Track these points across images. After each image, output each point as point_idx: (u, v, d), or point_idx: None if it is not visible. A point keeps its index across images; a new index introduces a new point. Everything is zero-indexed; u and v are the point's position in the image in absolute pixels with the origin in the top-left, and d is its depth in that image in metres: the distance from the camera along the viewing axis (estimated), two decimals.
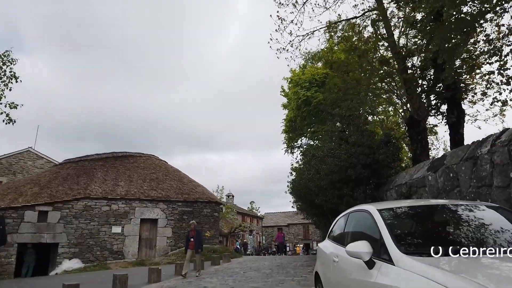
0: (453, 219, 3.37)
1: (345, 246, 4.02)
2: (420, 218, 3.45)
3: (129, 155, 23.90)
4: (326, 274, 4.51)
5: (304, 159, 13.72)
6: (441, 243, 3.07)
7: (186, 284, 10.09)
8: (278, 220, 56.42)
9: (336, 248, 4.27)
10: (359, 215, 4.00)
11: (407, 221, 3.45)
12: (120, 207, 19.87)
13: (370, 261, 3.04)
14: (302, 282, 9.49)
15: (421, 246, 2.99)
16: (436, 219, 3.45)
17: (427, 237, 3.16)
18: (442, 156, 6.76)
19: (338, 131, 10.60)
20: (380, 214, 3.41)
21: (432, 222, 3.40)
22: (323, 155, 10.41)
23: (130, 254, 19.30)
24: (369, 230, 3.56)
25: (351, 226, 4.16)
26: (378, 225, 3.27)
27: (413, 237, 3.17)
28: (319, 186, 10.32)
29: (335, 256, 4.08)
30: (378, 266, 2.98)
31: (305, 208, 16.84)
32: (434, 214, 3.50)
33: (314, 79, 16.66)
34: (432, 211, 3.56)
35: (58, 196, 18.67)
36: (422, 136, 9.32)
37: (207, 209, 22.23)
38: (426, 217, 3.47)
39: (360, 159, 9.21)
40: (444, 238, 3.13)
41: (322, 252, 4.91)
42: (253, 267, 14.34)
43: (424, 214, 3.51)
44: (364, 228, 3.77)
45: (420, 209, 3.65)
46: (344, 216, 4.58)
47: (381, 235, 3.14)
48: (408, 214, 3.57)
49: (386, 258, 2.94)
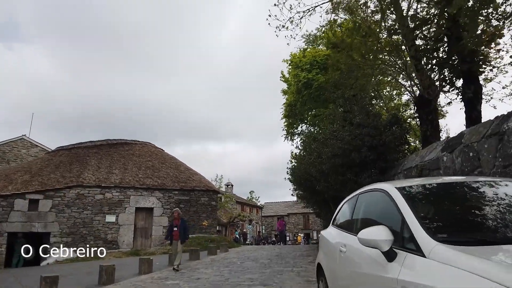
0: (492, 199, 2.67)
1: (355, 233, 3.33)
2: (451, 198, 2.74)
3: (124, 143, 23.18)
4: (330, 266, 3.83)
5: (305, 142, 12.99)
6: (481, 228, 2.38)
7: (179, 275, 9.48)
8: (278, 209, 55.98)
9: (343, 236, 3.59)
10: (372, 196, 3.30)
11: (435, 201, 2.74)
12: (114, 195, 19.22)
13: (390, 251, 2.36)
14: (302, 273, 8.87)
15: (458, 232, 2.29)
16: (471, 199, 2.74)
17: (464, 221, 2.45)
18: (459, 134, 6.04)
19: (341, 112, 9.82)
20: (401, 193, 2.71)
21: (466, 203, 2.69)
22: (325, 138, 9.68)
23: (125, 244, 18.72)
24: (386, 213, 2.87)
25: (362, 209, 3.46)
26: (400, 207, 2.57)
27: (446, 221, 2.46)
28: (321, 171, 9.63)
29: (342, 246, 3.40)
30: (401, 258, 2.30)
31: (305, 196, 16.16)
32: (467, 192, 2.79)
33: (315, 61, 15.84)
34: (465, 189, 2.84)
35: (50, 184, 18.01)
36: (433, 116, 8.58)
37: (204, 198, 21.61)
38: (458, 196, 2.76)
39: (365, 141, 8.49)
40: (484, 222, 2.44)
41: (326, 241, 4.23)
42: (251, 257, 13.75)
43: (455, 193, 2.80)
44: (379, 211, 3.07)
45: (449, 187, 2.94)
46: (352, 199, 3.89)
47: (404, 219, 2.45)
48: (435, 193, 2.87)
49: (412, 248, 2.25)
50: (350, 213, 3.71)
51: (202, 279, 8.53)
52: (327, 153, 9.13)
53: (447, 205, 2.65)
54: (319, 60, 15.89)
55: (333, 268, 3.69)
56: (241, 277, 8.65)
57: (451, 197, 2.75)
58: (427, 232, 2.21)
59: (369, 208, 3.34)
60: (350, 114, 9.52)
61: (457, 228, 2.35)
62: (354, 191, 4.21)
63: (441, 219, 2.47)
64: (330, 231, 4.29)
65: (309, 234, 48.05)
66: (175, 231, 11.07)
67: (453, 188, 2.89)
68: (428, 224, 2.28)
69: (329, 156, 9.11)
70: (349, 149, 8.63)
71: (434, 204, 2.69)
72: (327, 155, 9.12)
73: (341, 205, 4.32)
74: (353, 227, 3.49)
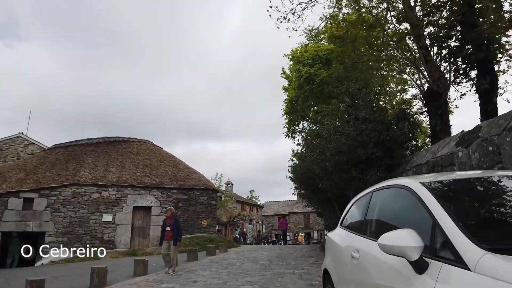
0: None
1: (369, 237, 2.88)
2: (493, 195, 2.29)
3: (122, 140, 22.72)
4: (340, 274, 3.37)
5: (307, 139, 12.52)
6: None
7: (175, 278, 9.04)
8: (279, 209, 55.54)
9: (355, 239, 3.13)
10: (390, 194, 2.85)
11: (474, 200, 2.29)
12: (111, 194, 18.78)
13: (420, 261, 1.90)
14: (304, 276, 8.42)
15: (509, 238, 1.84)
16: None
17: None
18: (475, 128, 5.58)
19: (346, 106, 9.35)
20: (429, 190, 2.25)
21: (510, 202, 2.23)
22: (329, 134, 9.22)
23: (122, 244, 18.29)
24: (409, 214, 2.42)
25: (377, 209, 3.00)
26: (429, 206, 2.11)
27: (491, 224, 2.00)
28: (324, 169, 9.17)
29: (355, 251, 2.95)
30: (435, 269, 1.85)
31: (307, 195, 15.69)
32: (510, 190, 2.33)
33: (317, 56, 15.36)
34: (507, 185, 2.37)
35: (45, 183, 17.56)
36: (443, 111, 8.12)
37: (203, 197, 21.16)
38: (503, 193, 2.30)
39: (371, 136, 8.02)
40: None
41: (334, 244, 3.77)
42: (251, 258, 13.31)
43: (498, 190, 2.33)
44: (399, 212, 2.62)
45: (489, 183, 2.46)
46: (364, 197, 3.44)
47: (436, 222, 2.00)
48: (472, 190, 2.40)
49: (449, 258, 1.80)
50: (363, 213, 3.26)
51: (199, 282, 8.09)
52: (331, 150, 8.67)
53: (490, 204, 2.18)
54: (322, 54, 15.41)
55: (343, 277, 3.24)
56: (240, 280, 8.21)
57: (494, 195, 2.29)
58: (469, 238, 1.75)
59: (387, 207, 2.88)
60: (354, 109, 9.06)
61: (506, 233, 1.90)
62: (359, 191, 3.77)
63: (484, 221, 2.02)
64: (339, 232, 3.83)
65: (310, 233, 47.62)
66: (167, 231, 10.39)
67: (495, 184, 2.42)
68: (471, 228, 1.82)
69: (333, 152, 8.65)
70: (354, 145, 8.17)
71: (473, 203, 2.23)
72: (330, 152, 8.66)
73: (351, 204, 3.87)
74: (366, 229, 3.04)
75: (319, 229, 47.97)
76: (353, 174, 8.29)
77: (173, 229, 10.26)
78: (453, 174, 2.94)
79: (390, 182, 2.90)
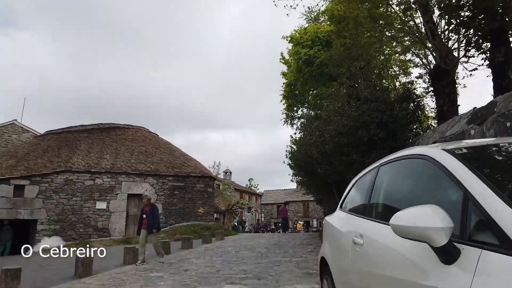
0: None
1: (376, 219, 2.39)
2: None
3: (117, 127, 22.19)
4: (340, 263, 2.88)
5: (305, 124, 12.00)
6: None
7: (166, 266, 8.63)
8: (278, 197, 55.24)
9: (358, 222, 2.64)
10: (403, 167, 2.33)
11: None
12: (105, 181, 18.34)
13: (449, 247, 1.41)
14: (302, 264, 7.99)
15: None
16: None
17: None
18: (490, 103, 5.07)
19: (346, 87, 8.79)
20: (458, 158, 1.74)
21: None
22: (328, 115, 8.69)
23: (117, 232, 17.91)
24: (430, 189, 1.92)
25: (385, 186, 2.50)
26: (460, 176, 1.60)
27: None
28: (323, 152, 8.67)
29: (358, 236, 2.45)
30: (471, 258, 1.36)
31: (305, 182, 15.23)
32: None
33: (317, 37, 14.72)
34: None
35: (36, 169, 17.10)
36: (450, 89, 7.58)
37: (200, 184, 20.73)
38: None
39: (374, 117, 7.50)
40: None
41: (333, 229, 3.28)
42: (247, 246, 12.91)
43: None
44: (415, 187, 2.11)
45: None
46: (368, 174, 2.94)
47: (470, 195, 1.49)
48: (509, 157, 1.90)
49: (493, 243, 1.31)
50: (367, 192, 2.76)
51: (191, 271, 7.66)
52: (331, 132, 8.16)
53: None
54: (322, 36, 14.77)
55: (344, 266, 2.75)
56: (234, 268, 7.78)
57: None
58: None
59: (398, 183, 2.39)
60: (356, 88, 8.52)
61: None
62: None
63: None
64: (338, 216, 3.34)
65: (309, 222, 47.43)
66: (144, 219, 9.68)
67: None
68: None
69: (332, 134, 8.14)
70: (355, 126, 7.65)
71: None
72: (330, 134, 8.15)
73: (352, 183, 3.37)
74: (372, 210, 2.54)
75: (318, 217, 47.76)
76: (354, 157, 7.79)
77: (149, 217, 9.52)
78: (477, 141, 2.43)
79: (402, 153, 2.39)
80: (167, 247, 11.41)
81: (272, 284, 5.97)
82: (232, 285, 5.94)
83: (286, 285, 5.85)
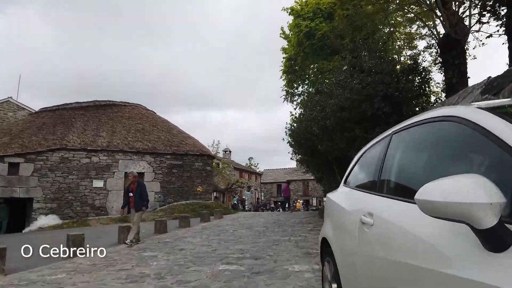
0: None
1: (387, 194, 2.03)
2: None
3: (113, 104, 21.71)
4: (344, 246, 2.54)
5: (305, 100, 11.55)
6: None
7: (161, 245, 8.38)
8: (277, 176, 55.21)
9: (368, 200, 2.27)
10: (423, 133, 1.94)
11: None
12: (102, 159, 18.03)
13: (499, 229, 1.03)
14: (301, 244, 7.74)
15: None
16: None
17: None
18: (506, 72, 4.66)
19: (349, 59, 8.30)
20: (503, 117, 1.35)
21: None
22: (330, 89, 8.25)
23: (114, 210, 17.70)
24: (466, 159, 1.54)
25: (400, 157, 2.12)
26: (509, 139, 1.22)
27: None
28: (324, 128, 8.28)
29: (367, 215, 2.09)
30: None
31: (305, 160, 14.90)
32: None
33: (318, 9, 14.06)
34: None
35: (31, 147, 16.75)
36: (460, 60, 7.13)
37: (198, 163, 20.44)
38: None
39: (378, 89, 7.08)
40: None
41: (336, 207, 2.93)
42: (246, 224, 12.70)
43: None
44: (446, 156, 1.72)
45: None
46: (378, 144, 2.56)
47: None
48: None
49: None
50: (377, 165, 2.38)
51: (186, 250, 7.41)
52: (332, 106, 7.76)
53: None
54: (323, 8, 14.11)
55: (349, 249, 2.41)
56: (231, 248, 7.53)
57: None
58: None
59: (417, 153, 2.01)
60: (359, 60, 8.04)
61: None
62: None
63: None
64: (342, 191, 2.99)
65: (308, 200, 47.54)
66: (131, 197, 9.15)
67: None
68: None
69: (334, 109, 7.73)
70: (358, 100, 7.24)
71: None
72: (332, 108, 7.75)
73: (359, 156, 3.00)
74: (383, 186, 2.17)
75: (317, 196, 47.84)
76: (357, 133, 7.41)
77: (136, 195, 9.05)
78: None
79: (421, 117, 1.99)
80: (163, 226, 11.20)
81: (270, 264, 5.70)
82: (227, 265, 5.67)
83: (285, 265, 5.58)
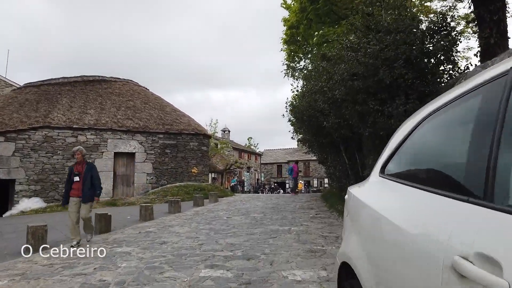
0: None
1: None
2: None
3: (102, 80, 20.32)
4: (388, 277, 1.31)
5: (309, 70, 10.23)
6: None
7: (142, 237, 7.26)
8: (278, 157, 54.16)
9: (460, 216, 1.04)
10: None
11: None
12: (89, 138, 16.84)
13: None
14: (303, 236, 6.61)
15: None
16: None
17: None
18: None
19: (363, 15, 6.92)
20: None
21: None
22: (340, 52, 6.93)
23: (103, 193, 16.52)
24: None
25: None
26: None
27: None
28: (332, 100, 7.03)
29: (472, 257, 0.85)
30: None
31: (308, 140, 13.66)
32: None
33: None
34: None
35: (11, 125, 15.52)
36: (500, 16, 5.80)
37: (193, 142, 19.25)
38: None
39: (399, 52, 5.77)
40: None
41: (374, 214, 1.69)
42: (242, 210, 11.60)
43: None
44: None
45: None
46: (461, 101, 1.31)
47: None
48: None
49: None
50: (476, 142, 1.15)
51: (168, 245, 6.27)
52: (342, 73, 6.46)
53: None
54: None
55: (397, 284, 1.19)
56: (221, 241, 6.40)
57: None
58: None
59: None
60: (375, 18, 6.68)
61: None
62: (378, 128, 1.76)
63: None
64: (382, 187, 1.77)
65: (309, 181, 46.64)
66: (76, 182, 6.72)
67: None
68: None
69: (344, 77, 6.44)
70: (374, 65, 5.93)
71: None
72: (341, 76, 6.45)
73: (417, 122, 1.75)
74: (485, 180, 0.94)
75: (318, 177, 46.93)
76: (371, 106, 6.15)
77: (85, 180, 6.70)
78: None
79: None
80: (149, 212, 10.07)
81: (265, 268, 4.55)
82: (211, 270, 4.52)
83: (283, 270, 4.44)
